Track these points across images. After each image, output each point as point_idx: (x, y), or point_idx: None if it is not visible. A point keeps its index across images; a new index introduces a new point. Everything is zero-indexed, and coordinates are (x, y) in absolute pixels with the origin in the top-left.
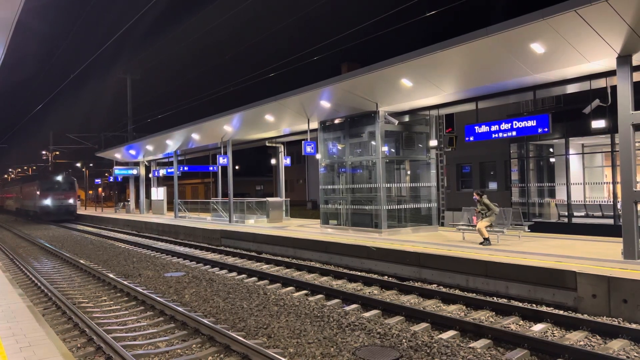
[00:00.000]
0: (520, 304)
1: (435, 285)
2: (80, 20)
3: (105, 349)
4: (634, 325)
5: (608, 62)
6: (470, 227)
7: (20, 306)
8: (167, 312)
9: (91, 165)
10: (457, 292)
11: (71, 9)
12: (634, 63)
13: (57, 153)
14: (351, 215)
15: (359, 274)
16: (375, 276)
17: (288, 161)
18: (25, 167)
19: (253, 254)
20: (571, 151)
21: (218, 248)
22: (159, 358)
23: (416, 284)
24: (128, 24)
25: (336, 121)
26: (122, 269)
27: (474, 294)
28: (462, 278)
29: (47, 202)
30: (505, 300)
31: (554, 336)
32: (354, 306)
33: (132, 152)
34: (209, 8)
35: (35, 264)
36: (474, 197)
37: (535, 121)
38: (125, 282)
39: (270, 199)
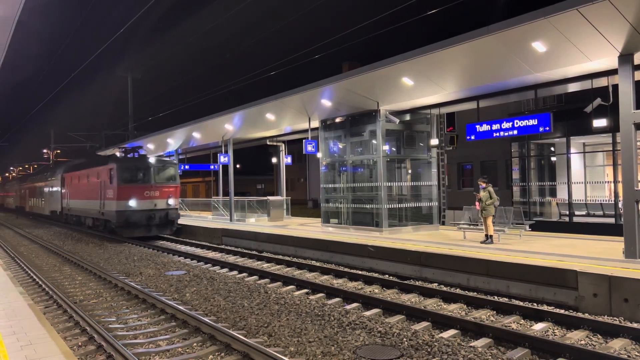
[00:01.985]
0: (521, 303)
1: (436, 284)
2: (82, 19)
3: (106, 347)
4: (635, 325)
5: (610, 60)
6: (472, 226)
7: (22, 304)
8: (168, 310)
9: None
10: (458, 291)
11: (72, 8)
12: (636, 62)
13: (59, 151)
14: (352, 214)
15: (360, 272)
16: (376, 275)
17: (289, 160)
18: (27, 166)
19: (254, 252)
20: (572, 150)
21: (219, 247)
22: (160, 357)
23: (417, 283)
24: (129, 23)
25: (337, 120)
26: (123, 267)
27: (475, 293)
28: (463, 277)
29: (132, 203)
30: (506, 299)
31: (555, 335)
32: (354, 305)
33: None
34: (209, 7)
35: (36, 262)
36: (479, 184)
37: (536, 120)
38: (126, 281)
39: (271, 198)
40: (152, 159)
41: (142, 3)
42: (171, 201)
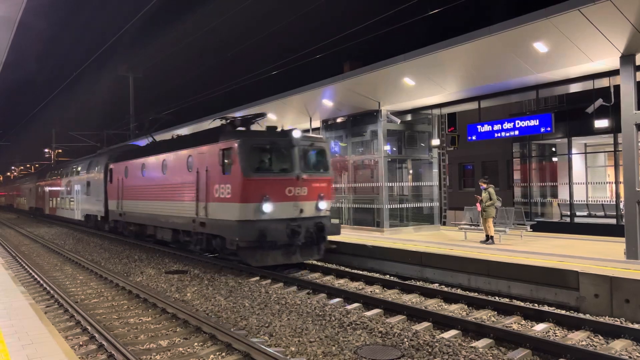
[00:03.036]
0: (522, 304)
1: (437, 284)
2: (83, 18)
3: (107, 346)
4: (636, 326)
5: (611, 61)
6: (473, 227)
7: (23, 304)
8: (169, 310)
9: None
10: (459, 291)
11: (74, 7)
12: (638, 62)
13: (60, 151)
14: (353, 214)
15: (361, 272)
16: (377, 275)
17: None
18: (28, 165)
19: None
20: (574, 151)
21: None
22: (161, 356)
23: (418, 283)
24: (131, 22)
25: (338, 120)
26: (124, 267)
27: (476, 294)
28: (464, 277)
29: (267, 208)
30: (507, 300)
31: (556, 336)
32: (355, 305)
33: None
34: (209, 7)
35: (37, 261)
36: (480, 184)
37: (537, 120)
38: (127, 280)
39: None
40: (295, 133)
41: (143, 3)
42: (323, 204)
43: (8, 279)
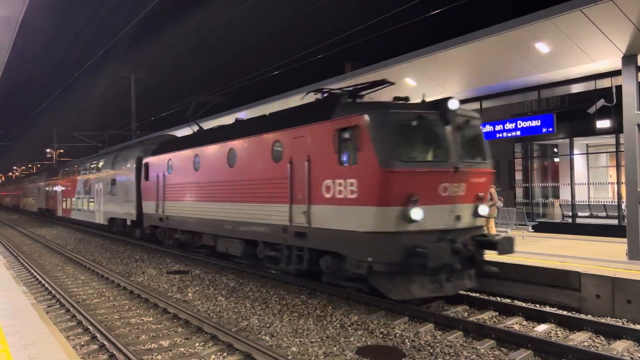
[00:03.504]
0: (523, 304)
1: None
2: (84, 18)
3: (109, 346)
4: (638, 326)
5: (613, 61)
6: None
7: (24, 303)
8: (170, 310)
9: None
10: (461, 292)
11: (75, 7)
12: None
13: (62, 151)
14: None
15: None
16: None
17: None
18: (30, 165)
19: None
20: (575, 151)
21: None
22: (162, 356)
23: None
24: (132, 23)
25: None
26: (126, 267)
27: (478, 294)
28: None
29: (416, 214)
30: (509, 301)
31: (558, 337)
32: (357, 306)
33: None
34: (210, 7)
35: (39, 261)
36: None
37: (539, 121)
38: (128, 281)
39: None
40: (452, 103)
41: (145, 3)
42: (483, 209)
43: (10, 278)
